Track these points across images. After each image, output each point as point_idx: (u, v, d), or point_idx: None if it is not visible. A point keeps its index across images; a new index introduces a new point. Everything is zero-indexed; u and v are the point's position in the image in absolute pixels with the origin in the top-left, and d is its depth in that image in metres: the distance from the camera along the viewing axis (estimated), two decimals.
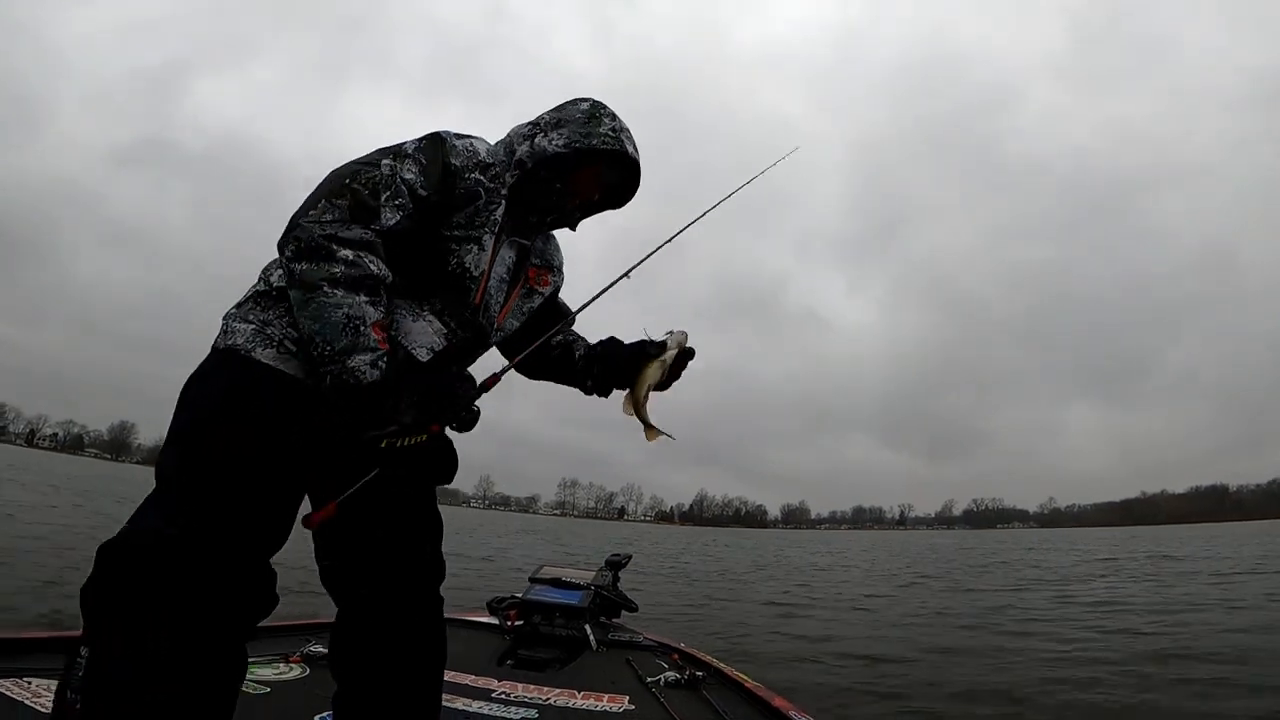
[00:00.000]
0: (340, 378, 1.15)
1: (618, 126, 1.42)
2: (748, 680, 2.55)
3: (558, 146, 1.38)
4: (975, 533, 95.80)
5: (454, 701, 2.11)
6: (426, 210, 1.26)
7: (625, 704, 2.23)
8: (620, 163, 1.44)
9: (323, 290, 1.14)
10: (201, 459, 1.14)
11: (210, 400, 1.18)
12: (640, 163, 1.46)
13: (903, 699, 4.25)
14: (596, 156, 1.41)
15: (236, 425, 1.15)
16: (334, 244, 1.16)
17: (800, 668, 5.09)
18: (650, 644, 3.01)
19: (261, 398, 1.18)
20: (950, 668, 5.15)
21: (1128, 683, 4.53)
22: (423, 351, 1.30)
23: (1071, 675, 4.76)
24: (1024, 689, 4.44)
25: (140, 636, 1.03)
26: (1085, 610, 8.22)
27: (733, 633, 6.58)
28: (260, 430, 1.16)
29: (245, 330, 1.22)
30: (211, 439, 1.15)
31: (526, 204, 1.40)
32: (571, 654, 2.82)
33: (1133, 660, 5.19)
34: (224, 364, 1.21)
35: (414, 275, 1.29)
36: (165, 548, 1.07)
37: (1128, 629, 6.69)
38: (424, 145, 1.29)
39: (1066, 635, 6.42)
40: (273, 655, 2.25)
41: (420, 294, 1.31)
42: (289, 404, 1.19)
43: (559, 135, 1.39)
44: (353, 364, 1.14)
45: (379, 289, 1.19)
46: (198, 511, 1.10)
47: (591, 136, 1.39)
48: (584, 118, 1.41)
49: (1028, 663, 5.28)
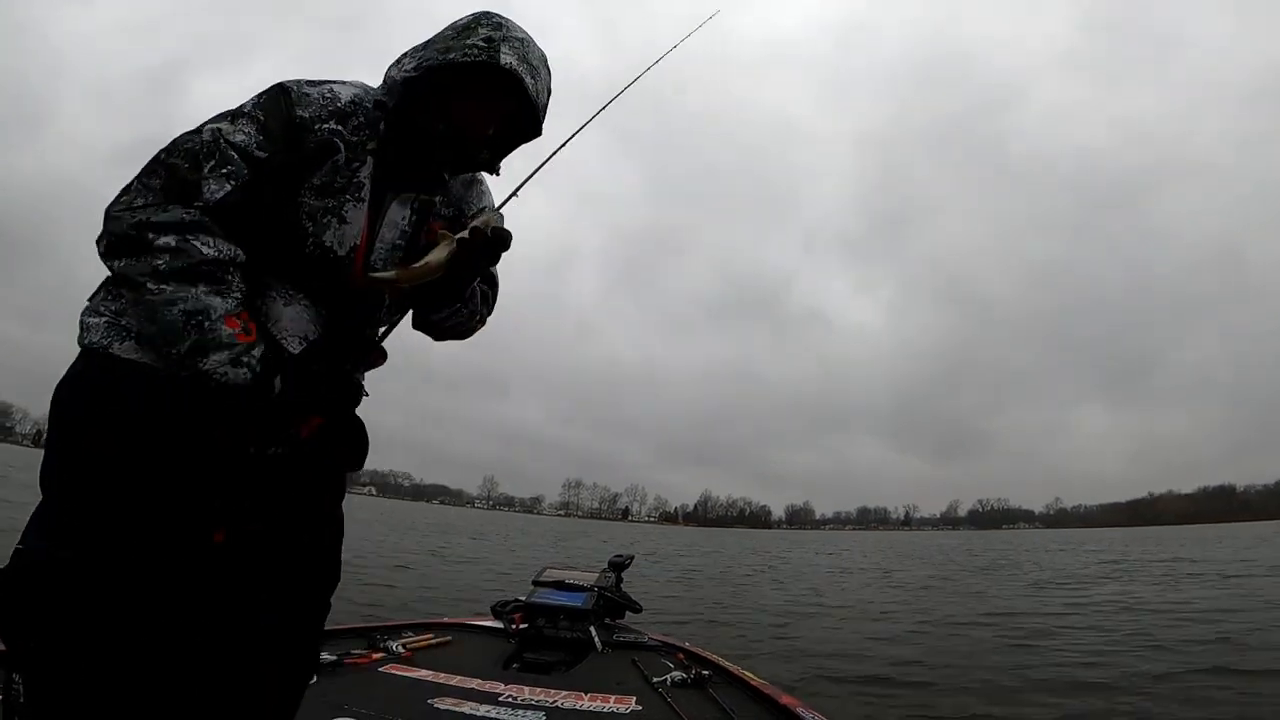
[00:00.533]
0: (201, 383, 1.01)
1: (495, 36, 1.14)
2: (754, 678, 2.56)
3: (407, 70, 1.15)
4: (981, 533, 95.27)
5: (461, 706, 2.12)
6: (274, 175, 1.08)
7: (632, 705, 2.24)
8: (496, 77, 1.15)
9: (147, 288, 1.00)
10: (75, 470, 1.04)
11: (74, 407, 1.07)
12: (524, 72, 1.14)
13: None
14: (457, 73, 1.14)
15: (103, 431, 1.03)
16: (148, 232, 1.00)
17: (835, 683, 4.84)
18: (655, 644, 3.02)
19: (124, 397, 1.04)
20: (994, 674, 4.94)
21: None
22: (294, 341, 1.13)
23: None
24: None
25: (64, 664, 0.99)
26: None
27: (758, 643, 6.23)
28: (129, 436, 1.03)
29: (99, 325, 1.08)
30: (81, 448, 1.04)
31: (410, 151, 1.18)
32: (577, 656, 2.82)
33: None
34: (85, 366, 1.08)
35: (281, 252, 1.12)
36: (59, 572, 1.00)
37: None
38: (263, 100, 1.11)
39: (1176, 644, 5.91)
40: None
41: (293, 274, 1.13)
42: (157, 401, 1.04)
43: (411, 59, 1.16)
44: (207, 366, 1.00)
45: (224, 274, 1.03)
46: (83, 531, 1.01)
47: (451, 51, 1.13)
48: (453, 32, 1.16)
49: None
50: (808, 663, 5.25)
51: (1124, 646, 5.84)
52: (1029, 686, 4.52)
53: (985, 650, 5.84)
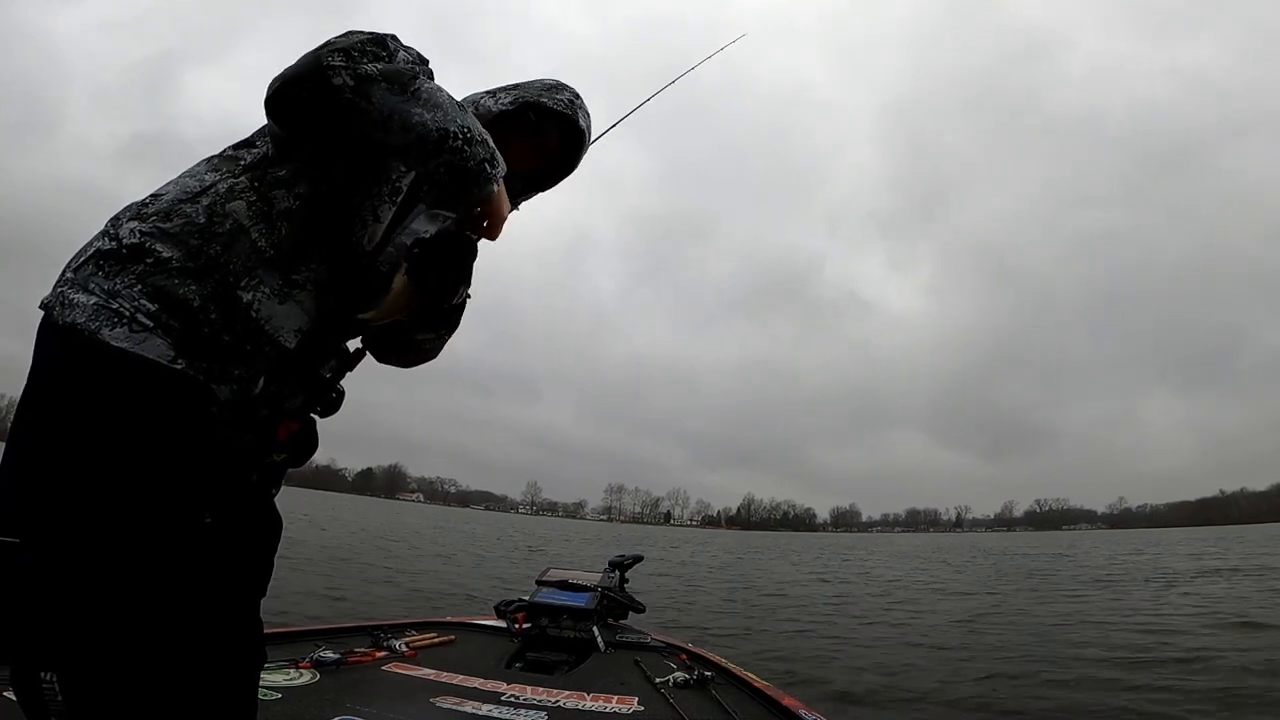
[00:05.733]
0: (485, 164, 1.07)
1: (577, 102, 1.36)
2: (756, 679, 2.53)
3: (505, 104, 1.31)
4: (1039, 534, 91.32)
5: (464, 705, 2.13)
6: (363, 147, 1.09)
7: (634, 705, 2.23)
8: (568, 132, 1.36)
9: (420, 83, 1.05)
10: (74, 463, 0.95)
11: (67, 402, 0.96)
12: (586, 139, 1.39)
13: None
14: (546, 116, 1.33)
15: (103, 431, 0.95)
16: (385, 46, 1.07)
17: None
18: (658, 645, 3.01)
19: (127, 398, 0.96)
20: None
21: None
22: (290, 337, 1.09)
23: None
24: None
25: (102, 653, 0.94)
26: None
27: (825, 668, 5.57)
28: (129, 436, 0.96)
29: (86, 305, 0.97)
30: (78, 444, 0.95)
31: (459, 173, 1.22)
32: (580, 656, 2.82)
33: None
34: (68, 355, 0.98)
35: (302, 233, 1.08)
36: (73, 564, 0.94)
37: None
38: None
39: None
40: (283, 661, 2.29)
41: (294, 261, 1.08)
42: (160, 403, 0.97)
43: (508, 95, 1.33)
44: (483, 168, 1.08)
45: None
46: (84, 520, 0.94)
47: (544, 97, 1.33)
48: (543, 86, 1.35)
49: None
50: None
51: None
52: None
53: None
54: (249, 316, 1.05)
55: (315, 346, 1.15)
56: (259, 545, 1.18)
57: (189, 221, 1.04)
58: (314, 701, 2.01)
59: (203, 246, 1.03)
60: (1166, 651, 6.18)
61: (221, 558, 1.07)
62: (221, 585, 1.07)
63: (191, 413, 1.00)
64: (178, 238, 1.03)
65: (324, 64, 1.01)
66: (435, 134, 1.03)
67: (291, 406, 1.12)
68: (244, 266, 1.05)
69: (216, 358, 1.03)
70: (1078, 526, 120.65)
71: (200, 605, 1.03)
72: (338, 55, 1.02)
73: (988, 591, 12.64)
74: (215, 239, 1.04)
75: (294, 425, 1.11)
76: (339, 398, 1.18)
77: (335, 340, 1.20)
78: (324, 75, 1.01)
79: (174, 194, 1.08)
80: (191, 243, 1.03)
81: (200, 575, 1.03)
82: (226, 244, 1.05)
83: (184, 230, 1.04)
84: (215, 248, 1.04)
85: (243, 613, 1.11)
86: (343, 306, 1.16)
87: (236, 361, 1.05)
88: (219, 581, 1.06)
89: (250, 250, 1.06)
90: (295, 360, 1.11)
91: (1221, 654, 5.95)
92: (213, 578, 1.05)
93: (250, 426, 1.06)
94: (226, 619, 1.07)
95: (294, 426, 1.11)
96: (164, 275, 1.01)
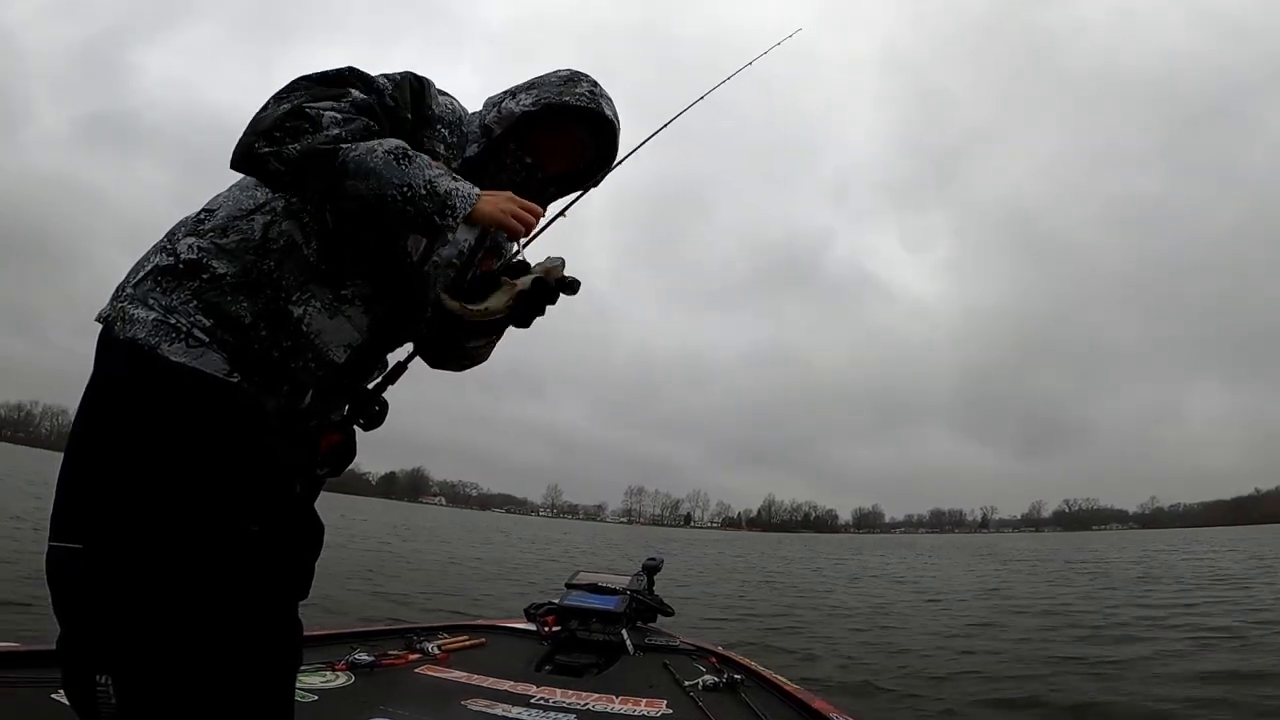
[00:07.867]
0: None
1: (597, 91, 1.31)
2: (787, 683, 2.53)
3: (526, 105, 1.27)
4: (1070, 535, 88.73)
5: (494, 707, 2.16)
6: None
7: (663, 708, 2.24)
8: (596, 126, 1.31)
9: (341, 149, 1.03)
10: (129, 473, 0.99)
11: (129, 418, 1.01)
12: (616, 127, 1.33)
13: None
14: (570, 114, 1.29)
15: (163, 446, 0.99)
16: (306, 108, 1.06)
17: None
18: (687, 648, 3.01)
19: (185, 412, 1.01)
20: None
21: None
22: (339, 351, 1.14)
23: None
24: None
25: (157, 654, 0.98)
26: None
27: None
28: (187, 449, 1.00)
29: (146, 320, 1.03)
30: (136, 457, 0.99)
31: (489, 180, 1.22)
32: (609, 659, 2.83)
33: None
34: (129, 371, 1.03)
35: (344, 248, 1.12)
36: (126, 565, 0.98)
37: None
38: (402, 78, 1.21)
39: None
40: (319, 664, 2.33)
41: (343, 276, 1.13)
42: (218, 416, 1.02)
43: (528, 95, 1.29)
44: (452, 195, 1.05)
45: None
46: (138, 528, 0.98)
47: (565, 94, 1.28)
48: (559, 80, 1.31)
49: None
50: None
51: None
52: None
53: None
54: (300, 331, 1.09)
55: (363, 360, 1.19)
56: (301, 552, 1.21)
57: (245, 238, 1.09)
58: (349, 704, 2.04)
59: (257, 262, 1.08)
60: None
61: (265, 565, 1.10)
62: (265, 592, 1.10)
63: (244, 425, 1.05)
64: (234, 253, 1.08)
65: (255, 153, 1.04)
66: (374, 202, 1.04)
67: (336, 419, 1.15)
68: (296, 281, 1.09)
69: (267, 372, 1.07)
70: (1108, 526, 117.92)
71: (246, 612, 1.06)
72: (262, 141, 1.04)
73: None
74: (270, 254, 1.09)
75: (335, 437, 1.15)
76: (383, 410, 1.21)
77: (380, 351, 1.23)
78: (259, 162, 1.04)
79: (229, 210, 1.13)
80: (247, 258, 1.08)
81: (246, 583, 1.06)
82: (280, 259, 1.09)
83: (240, 246, 1.09)
84: (269, 263, 1.08)
85: (283, 617, 1.14)
86: (391, 316, 1.20)
87: (286, 376, 1.09)
88: (263, 588, 1.09)
89: (303, 265, 1.10)
90: (343, 374, 1.15)
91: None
92: (257, 585, 1.08)
93: (298, 439, 1.09)
94: (269, 624, 1.11)
95: (335, 438, 1.15)
96: (217, 291, 1.06)
